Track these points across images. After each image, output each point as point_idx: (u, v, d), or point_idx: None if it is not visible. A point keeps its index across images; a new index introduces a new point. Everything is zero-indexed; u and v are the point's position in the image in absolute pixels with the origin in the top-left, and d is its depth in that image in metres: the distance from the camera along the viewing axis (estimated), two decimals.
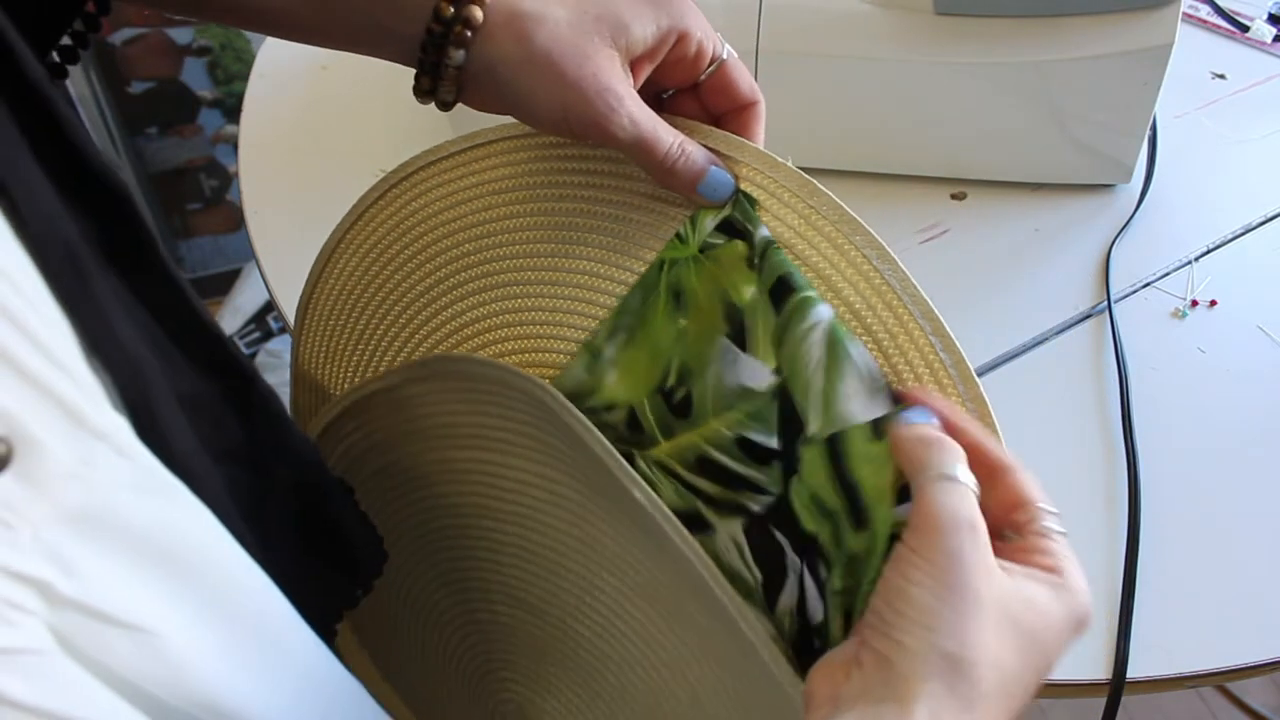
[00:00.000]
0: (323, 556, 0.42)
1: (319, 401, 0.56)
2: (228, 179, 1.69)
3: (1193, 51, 0.88)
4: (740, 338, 0.43)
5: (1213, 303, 0.69)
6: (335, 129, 0.87)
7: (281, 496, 0.39)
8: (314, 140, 0.86)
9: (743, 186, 0.43)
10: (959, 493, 0.33)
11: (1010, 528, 0.35)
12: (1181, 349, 0.67)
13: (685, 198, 0.44)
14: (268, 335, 1.61)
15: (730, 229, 0.43)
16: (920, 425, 0.37)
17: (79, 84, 1.53)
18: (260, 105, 0.89)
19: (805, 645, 0.42)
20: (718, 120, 0.45)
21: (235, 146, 0.88)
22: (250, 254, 0.78)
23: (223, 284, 1.69)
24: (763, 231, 0.42)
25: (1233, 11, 0.90)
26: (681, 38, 0.42)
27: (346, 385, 0.54)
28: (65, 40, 0.43)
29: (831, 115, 0.73)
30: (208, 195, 1.70)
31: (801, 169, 0.42)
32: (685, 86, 0.45)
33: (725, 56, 0.44)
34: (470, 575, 0.53)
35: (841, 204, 0.42)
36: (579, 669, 0.51)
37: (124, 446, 0.27)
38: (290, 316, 0.56)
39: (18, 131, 0.26)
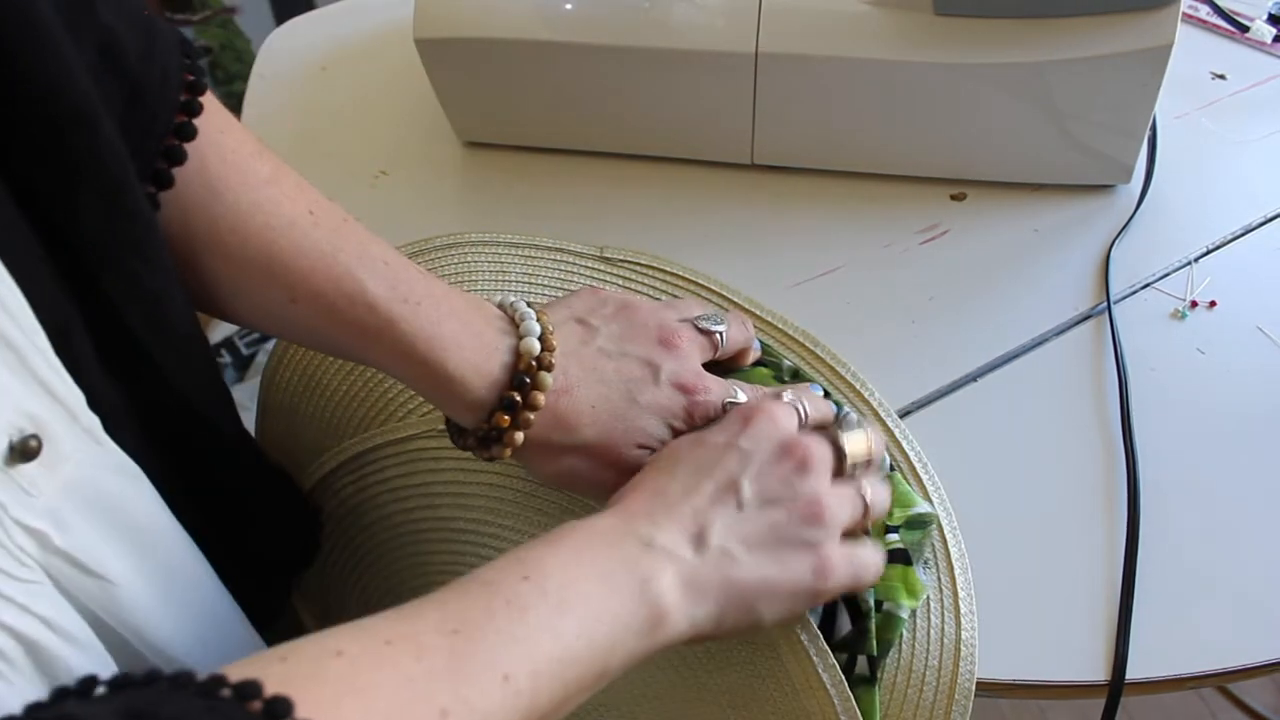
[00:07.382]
0: (262, 540, 0.50)
1: (289, 427, 0.57)
2: None
3: (1193, 51, 0.88)
4: None
5: (1212, 303, 0.69)
6: (335, 130, 0.87)
7: (222, 487, 0.47)
8: (314, 141, 0.86)
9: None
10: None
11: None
12: (1181, 349, 0.67)
13: None
14: (268, 335, 1.61)
15: None
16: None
17: None
18: (260, 105, 0.89)
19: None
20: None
21: None
22: None
23: None
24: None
25: (1233, 11, 0.90)
26: (742, 353, 0.53)
27: (319, 414, 0.55)
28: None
29: (831, 115, 0.73)
30: None
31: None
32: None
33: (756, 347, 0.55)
34: None
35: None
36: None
37: (100, 438, 0.36)
38: None
39: (15, 211, 0.34)
